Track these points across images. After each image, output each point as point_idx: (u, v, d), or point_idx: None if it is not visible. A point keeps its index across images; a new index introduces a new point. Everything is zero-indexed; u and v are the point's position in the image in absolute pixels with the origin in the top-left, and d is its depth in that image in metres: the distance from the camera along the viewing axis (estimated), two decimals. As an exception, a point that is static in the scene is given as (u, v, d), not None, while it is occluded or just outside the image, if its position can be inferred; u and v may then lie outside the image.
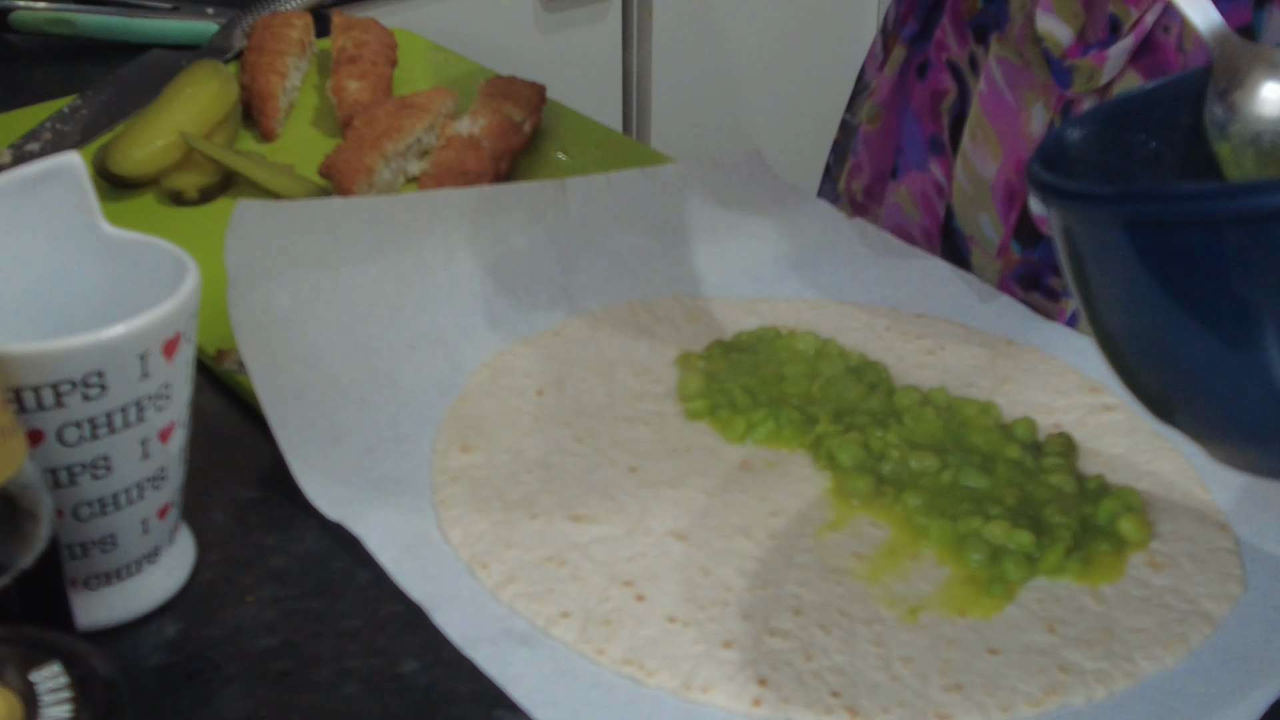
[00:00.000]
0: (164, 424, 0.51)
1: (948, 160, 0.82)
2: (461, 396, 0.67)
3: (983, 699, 0.51)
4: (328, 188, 0.84)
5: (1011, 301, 0.75)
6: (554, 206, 0.77)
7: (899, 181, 0.86)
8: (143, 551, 0.54)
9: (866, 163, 0.89)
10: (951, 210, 0.82)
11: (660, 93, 1.72)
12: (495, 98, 0.90)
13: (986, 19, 0.78)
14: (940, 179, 0.83)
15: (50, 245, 0.54)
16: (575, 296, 0.74)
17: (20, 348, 0.47)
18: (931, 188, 0.83)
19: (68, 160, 0.53)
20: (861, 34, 1.89)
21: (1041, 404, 0.67)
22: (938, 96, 0.83)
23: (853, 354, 0.69)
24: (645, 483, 0.62)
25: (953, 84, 0.82)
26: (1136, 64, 0.71)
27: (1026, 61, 0.75)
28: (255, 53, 0.96)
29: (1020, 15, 0.75)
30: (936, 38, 0.82)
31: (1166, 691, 0.52)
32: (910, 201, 0.85)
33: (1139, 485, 0.61)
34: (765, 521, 0.60)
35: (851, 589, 0.56)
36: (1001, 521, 0.58)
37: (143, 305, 0.49)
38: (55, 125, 0.91)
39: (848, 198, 0.90)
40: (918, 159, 0.84)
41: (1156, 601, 0.56)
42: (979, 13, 0.79)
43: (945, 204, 0.82)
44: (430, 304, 0.71)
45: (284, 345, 0.66)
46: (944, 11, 0.81)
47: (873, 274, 0.77)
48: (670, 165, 0.84)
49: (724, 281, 0.76)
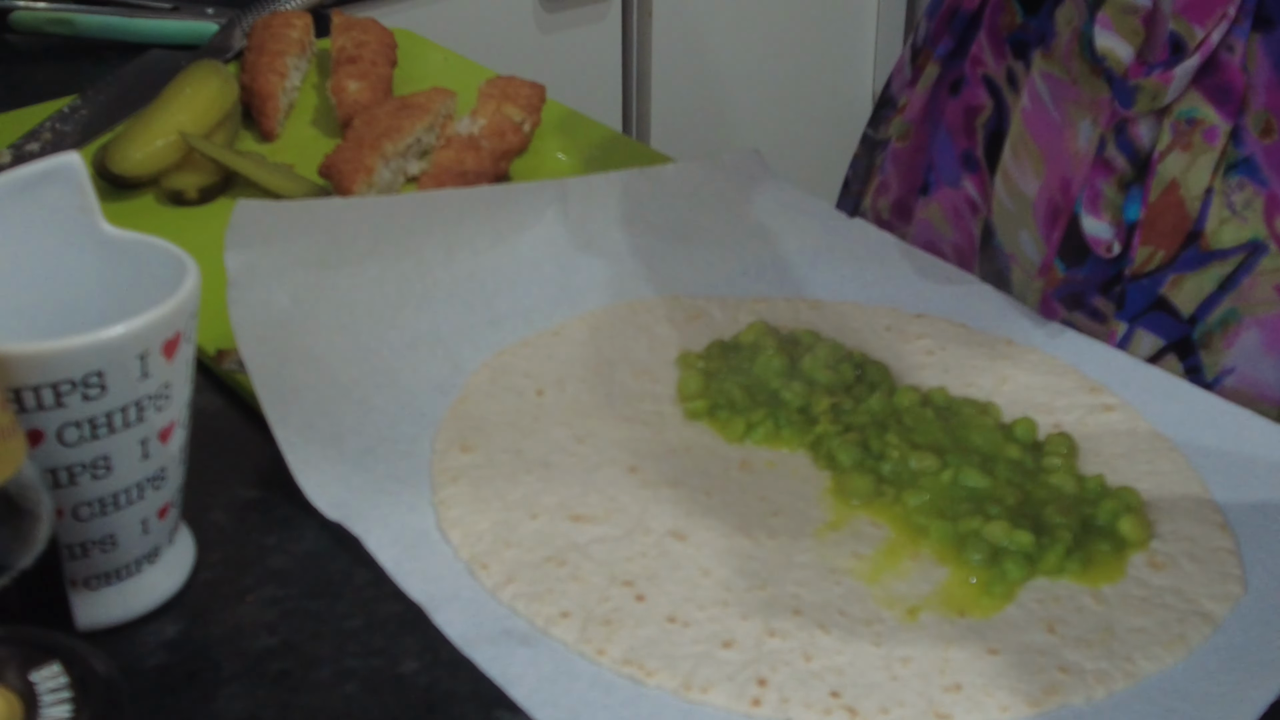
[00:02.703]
0: (164, 424, 0.51)
1: (982, 176, 0.81)
2: (461, 396, 0.67)
3: (983, 699, 0.51)
4: (328, 188, 0.84)
5: (1012, 301, 0.75)
6: (554, 206, 0.77)
7: (930, 198, 0.84)
8: (143, 551, 0.54)
9: (895, 180, 0.87)
10: (991, 228, 0.80)
11: (660, 93, 1.72)
12: (495, 98, 0.90)
13: (1027, 35, 0.77)
14: (974, 195, 0.82)
15: (50, 245, 0.54)
16: (575, 296, 0.74)
17: (20, 348, 0.47)
18: (964, 204, 0.82)
19: (68, 160, 0.53)
20: (860, 34, 1.90)
21: (1041, 404, 0.67)
22: (972, 112, 0.81)
23: (855, 354, 0.69)
24: (645, 483, 0.62)
25: (989, 99, 0.80)
26: (1199, 84, 0.69)
27: (1074, 78, 0.73)
28: (255, 53, 0.96)
29: (1067, 30, 0.74)
30: (973, 53, 0.80)
31: (1166, 691, 0.52)
32: (941, 218, 0.84)
33: (1139, 485, 0.61)
34: (765, 521, 0.60)
35: (851, 589, 0.56)
36: (1001, 521, 0.58)
37: (143, 305, 0.49)
38: (55, 125, 0.91)
39: (874, 215, 0.89)
40: (950, 175, 0.83)
41: (1156, 601, 0.56)
42: (1018, 28, 0.77)
43: (981, 220, 0.81)
44: (430, 304, 0.71)
45: (284, 345, 0.66)
46: (981, 27, 0.80)
47: (873, 274, 0.77)
48: (670, 165, 0.84)
49: (724, 281, 0.76)
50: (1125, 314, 0.73)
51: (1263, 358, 0.70)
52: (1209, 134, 0.69)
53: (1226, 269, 0.70)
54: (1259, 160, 0.69)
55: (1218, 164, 0.69)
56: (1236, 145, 0.69)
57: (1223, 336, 0.71)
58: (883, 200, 0.88)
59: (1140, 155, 0.71)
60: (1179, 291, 0.71)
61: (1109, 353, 0.71)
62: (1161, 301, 0.72)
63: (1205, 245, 0.70)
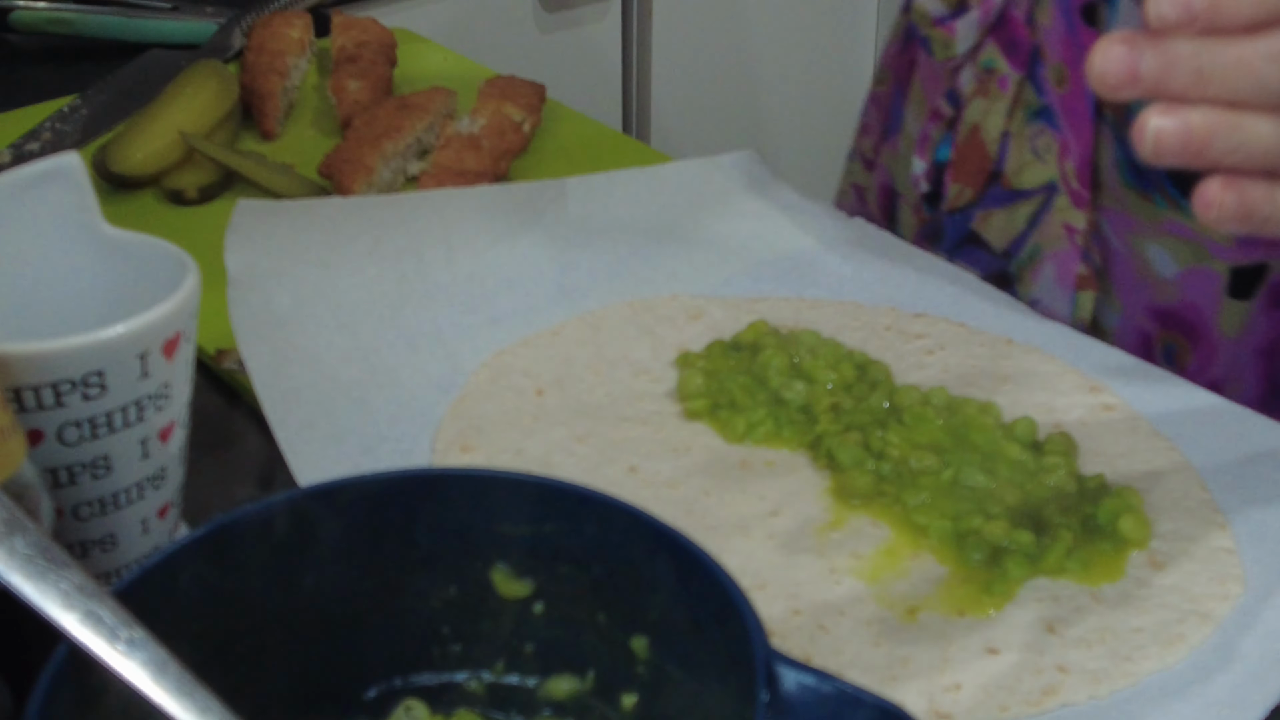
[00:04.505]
0: (164, 424, 0.51)
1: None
2: (461, 396, 0.67)
3: (982, 699, 0.51)
4: (328, 187, 0.84)
5: (1012, 301, 0.75)
6: (554, 206, 0.77)
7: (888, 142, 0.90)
8: (143, 551, 0.54)
9: (875, 123, 0.92)
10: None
11: (660, 93, 1.72)
12: (495, 98, 0.90)
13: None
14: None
15: (50, 245, 0.54)
16: (575, 296, 0.74)
17: (20, 348, 0.47)
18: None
19: (68, 160, 0.53)
20: (861, 36, 1.90)
21: (1041, 404, 0.67)
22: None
23: (855, 354, 0.69)
24: (645, 483, 0.62)
25: None
26: (995, 37, 0.76)
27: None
28: (255, 53, 0.96)
29: None
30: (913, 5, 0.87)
31: (1166, 691, 0.52)
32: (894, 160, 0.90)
33: (1139, 485, 0.61)
34: (765, 521, 0.60)
35: (851, 589, 0.56)
36: (1001, 521, 0.58)
37: (143, 305, 0.49)
38: (55, 125, 0.91)
39: (859, 156, 0.94)
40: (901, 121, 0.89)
41: (1156, 601, 0.56)
42: None
43: None
44: (430, 304, 0.71)
45: (284, 345, 0.66)
46: None
47: (873, 274, 0.77)
48: (670, 165, 0.84)
49: (724, 281, 0.76)
50: (944, 246, 0.82)
51: (1056, 289, 0.78)
52: (1002, 82, 0.77)
53: (1032, 208, 0.78)
54: (1055, 108, 0.75)
55: (1011, 110, 0.76)
56: (1039, 94, 0.76)
57: (1030, 270, 0.79)
58: (866, 141, 0.93)
59: (958, 102, 0.79)
60: (989, 227, 0.80)
61: (1109, 352, 0.71)
62: (974, 236, 0.81)
63: (1007, 184, 0.78)
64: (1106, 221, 0.75)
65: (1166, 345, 0.76)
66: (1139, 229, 0.74)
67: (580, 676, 0.45)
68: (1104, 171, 0.75)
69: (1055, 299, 0.78)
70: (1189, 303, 0.75)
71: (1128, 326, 0.77)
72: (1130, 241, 0.75)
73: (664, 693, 0.44)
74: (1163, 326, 0.76)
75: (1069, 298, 0.77)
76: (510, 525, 0.44)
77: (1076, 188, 0.75)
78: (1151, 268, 0.75)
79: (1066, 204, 0.76)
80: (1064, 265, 0.77)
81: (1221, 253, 0.73)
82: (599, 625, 0.44)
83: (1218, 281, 0.74)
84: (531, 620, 0.45)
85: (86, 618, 0.37)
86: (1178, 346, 0.75)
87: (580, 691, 0.45)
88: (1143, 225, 0.74)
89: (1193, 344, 0.75)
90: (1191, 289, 0.75)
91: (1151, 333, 0.77)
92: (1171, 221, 0.73)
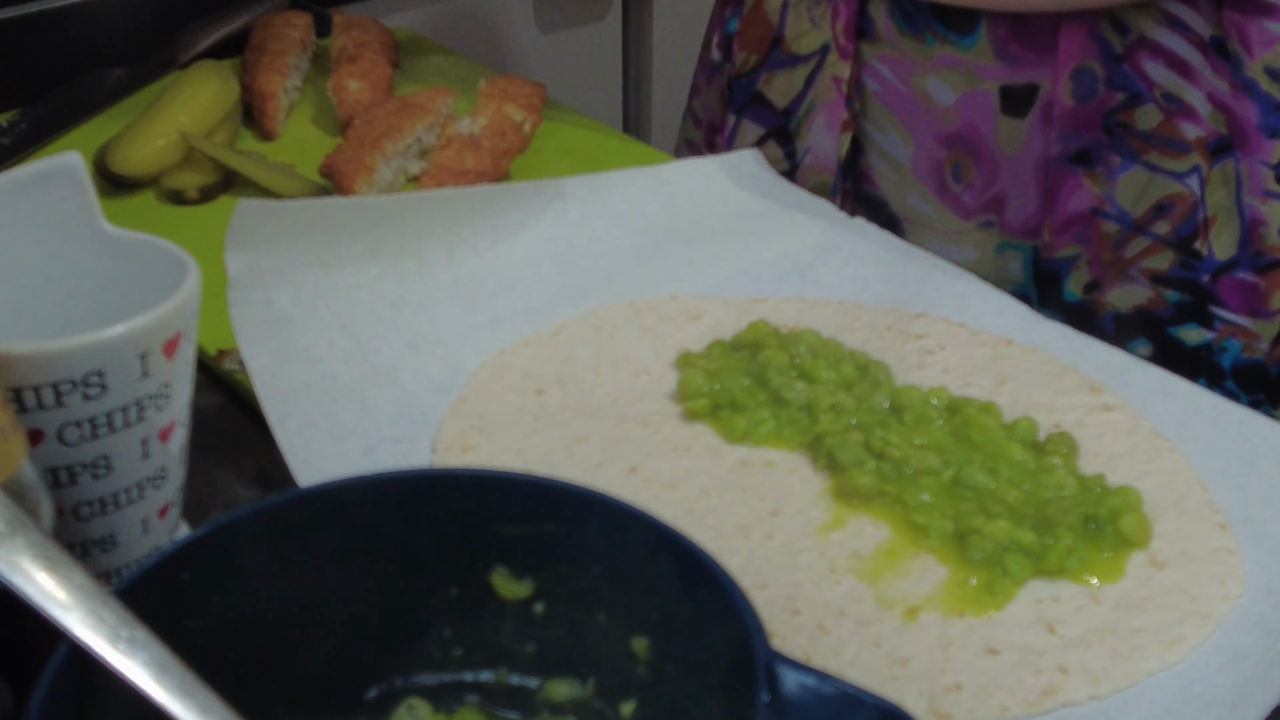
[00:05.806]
0: (164, 424, 0.51)
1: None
2: (461, 396, 0.67)
3: (983, 699, 0.51)
4: (328, 187, 0.84)
5: (1012, 301, 0.75)
6: (554, 206, 0.77)
7: None
8: (143, 551, 0.54)
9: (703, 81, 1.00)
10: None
11: (660, 93, 1.72)
12: (495, 98, 0.90)
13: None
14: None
15: (50, 245, 0.54)
16: (576, 296, 0.74)
17: (20, 348, 0.47)
18: None
19: (68, 160, 0.53)
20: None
21: (1042, 404, 0.67)
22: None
23: (856, 354, 0.69)
24: (645, 483, 0.62)
25: None
26: None
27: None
28: (255, 53, 0.96)
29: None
30: None
31: (1166, 691, 0.52)
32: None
33: (1139, 485, 0.61)
34: (765, 521, 0.60)
35: (851, 589, 0.56)
36: (1002, 521, 0.58)
37: (143, 305, 0.49)
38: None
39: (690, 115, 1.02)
40: None
41: (1157, 601, 0.56)
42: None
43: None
44: (430, 304, 0.71)
45: (284, 345, 0.66)
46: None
47: (873, 274, 0.77)
48: (670, 165, 0.84)
49: (724, 281, 0.76)
50: (733, 107, 0.92)
51: (825, 134, 0.88)
52: None
53: (808, 70, 0.88)
54: None
55: None
56: None
57: (805, 123, 0.89)
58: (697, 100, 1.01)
59: None
60: (771, 88, 0.90)
61: (1109, 352, 0.71)
62: (758, 97, 0.91)
63: (786, 49, 0.89)
64: (888, 70, 0.86)
65: (954, 165, 0.86)
66: (918, 69, 0.85)
67: (581, 677, 0.45)
68: (879, 24, 0.86)
69: (824, 143, 0.89)
70: (969, 122, 0.85)
71: (921, 156, 0.87)
72: (912, 81, 0.86)
73: (664, 693, 0.44)
74: (949, 150, 0.86)
75: (835, 140, 0.88)
76: (510, 525, 0.44)
77: (844, 43, 0.86)
78: (933, 99, 0.85)
79: (835, 59, 0.87)
80: (832, 113, 0.88)
81: (990, 74, 0.83)
82: (599, 626, 0.44)
83: (990, 100, 0.84)
84: (532, 621, 0.45)
85: (87, 617, 0.37)
86: (963, 165, 0.86)
87: (581, 692, 0.45)
88: (920, 65, 0.85)
89: (976, 161, 0.85)
90: (969, 110, 0.85)
91: (941, 158, 0.87)
92: (943, 55, 0.84)
